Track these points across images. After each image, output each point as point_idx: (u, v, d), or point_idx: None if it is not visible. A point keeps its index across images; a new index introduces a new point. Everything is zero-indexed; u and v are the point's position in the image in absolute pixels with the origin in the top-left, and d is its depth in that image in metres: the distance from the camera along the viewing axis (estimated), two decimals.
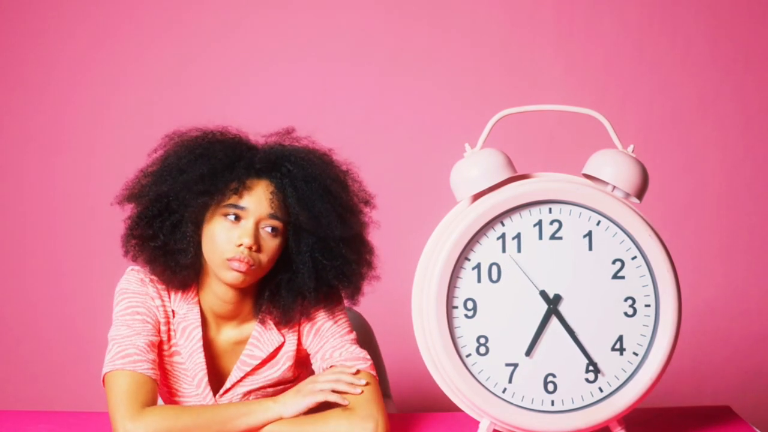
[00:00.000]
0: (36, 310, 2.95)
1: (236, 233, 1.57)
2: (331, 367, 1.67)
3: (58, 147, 2.93)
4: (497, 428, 1.61)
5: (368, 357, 1.69)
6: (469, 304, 1.58)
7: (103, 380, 1.60)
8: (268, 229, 1.59)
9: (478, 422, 1.62)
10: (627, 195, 1.60)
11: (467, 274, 1.57)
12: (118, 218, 1.66)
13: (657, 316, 1.58)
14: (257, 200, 1.58)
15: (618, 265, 1.58)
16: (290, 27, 2.91)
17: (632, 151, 1.60)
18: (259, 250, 1.58)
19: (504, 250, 1.57)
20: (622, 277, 1.58)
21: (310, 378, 1.64)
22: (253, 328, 1.70)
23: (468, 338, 1.58)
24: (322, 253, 1.64)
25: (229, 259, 1.57)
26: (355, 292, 1.70)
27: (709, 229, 2.88)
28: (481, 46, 2.89)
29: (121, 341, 1.60)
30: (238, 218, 1.58)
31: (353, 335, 1.71)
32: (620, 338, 1.59)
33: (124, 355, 1.58)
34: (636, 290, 1.58)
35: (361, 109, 2.90)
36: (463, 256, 1.57)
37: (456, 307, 1.57)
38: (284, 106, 2.89)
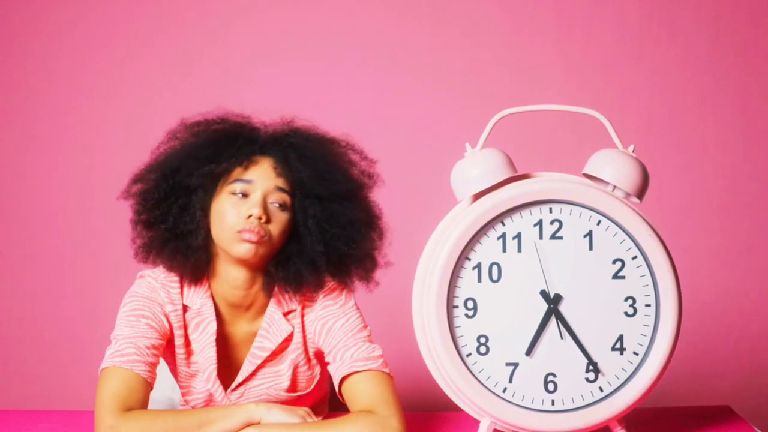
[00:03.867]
0: (36, 310, 2.95)
1: (245, 207, 1.60)
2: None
3: (58, 146, 2.93)
4: (497, 428, 1.61)
5: (380, 354, 1.67)
6: (470, 304, 1.58)
7: (100, 374, 1.60)
8: (276, 204, 1.62)
9: (478, 422, 1.62)
10: (627, 195, 1.60)
11: (468, 273, 1.57)
12: (119, 217, 1.66)
13: (657, 315, 1.58)
14: (263, 174, 1.62)
15: (618, 264, 1.58)
16: (291, 27, 2.91)
17: (632, 151, 1.60)
18: (268, 221, 1.60)
19: (504, 250, 1.57)
20: (623, 277, 1.58)
21: (309, 410, 1.61)
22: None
23: (468, 338, 1.58)
24: (328, 221, 1.65)
25: (240, 231, 1.58)
26: (369, 267, 1.70)
27: (709, 229, 2.88)
28: (481, 46, 2.89)
29: (123, 340, 1.60)
30: (245, 195, 1.61)
31: (366, 332, 1.69)
32: (620, 338, 1.59)
33: (123, 354, 1.59)
34: (636, 290, 1.58)
35: (361, 109, 2.90)
36: (463, 256, 1.57)
37: (456, 307, 1.57)
38: (283, 106, 2.88)
